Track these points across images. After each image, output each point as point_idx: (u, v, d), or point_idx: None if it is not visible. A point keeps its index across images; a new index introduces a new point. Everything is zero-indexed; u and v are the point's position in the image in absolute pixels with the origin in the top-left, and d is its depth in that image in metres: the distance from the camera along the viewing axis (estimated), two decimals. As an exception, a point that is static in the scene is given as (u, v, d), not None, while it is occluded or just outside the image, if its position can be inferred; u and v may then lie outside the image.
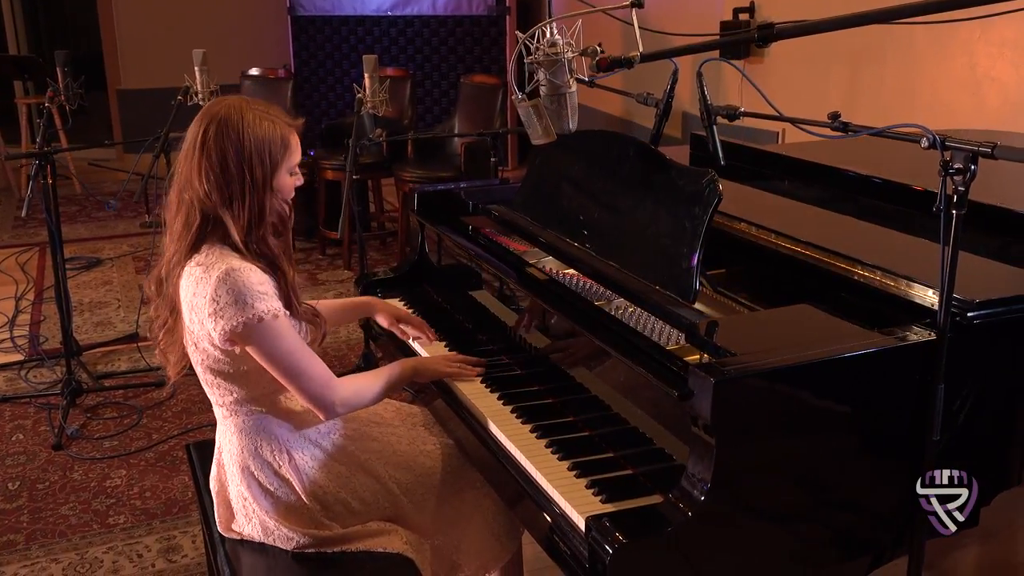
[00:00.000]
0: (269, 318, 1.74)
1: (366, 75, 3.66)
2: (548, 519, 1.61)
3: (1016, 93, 3.87)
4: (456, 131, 5.57)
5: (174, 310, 1.86)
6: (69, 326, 3.80)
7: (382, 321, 2.32)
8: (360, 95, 3.66)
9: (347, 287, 5.13)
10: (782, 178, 2.64)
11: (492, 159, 3.39)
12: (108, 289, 5.17)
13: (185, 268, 1.79)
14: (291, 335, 1.79)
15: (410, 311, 2.43)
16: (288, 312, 1.82)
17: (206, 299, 1.73)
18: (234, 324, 1.72)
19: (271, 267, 1.81)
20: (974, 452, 1.68)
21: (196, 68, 3.86)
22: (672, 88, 2.15)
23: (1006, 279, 1.80)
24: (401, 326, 2.30)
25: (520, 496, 1.72)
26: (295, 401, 1.91)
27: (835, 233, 2.08)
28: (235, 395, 1.86)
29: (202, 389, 3.08)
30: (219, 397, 1.89)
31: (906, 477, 1.60)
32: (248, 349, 1.77)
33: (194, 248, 1.79)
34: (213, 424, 3.51)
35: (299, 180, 1.87)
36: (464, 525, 2.04)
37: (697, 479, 1.46)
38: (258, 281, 1.75)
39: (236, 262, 1.75)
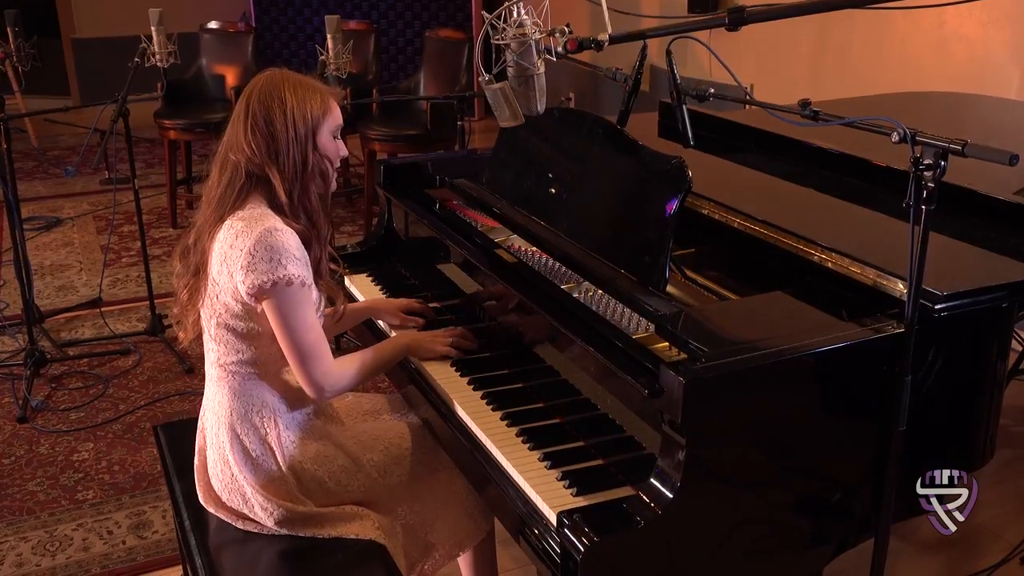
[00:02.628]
0: (297, 284, 1.79)
1: (328, 36, 3.58)
2: (519, 511, 1.61)
3: (982, 51, 3.87)
4: (422, 87, 5.48)
5: (199, 271, 1.89)
6: (30, 295, 3.73)
7: (391, 321, 2.26)
8: (323, 57, 3.58)
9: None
10: (751, 149, 2.63)
11: (459, 123, 3.33)
12: (69, 251, 5.08)
13: (226, 222, 1.84)
14: (311, 309, 1.85)
15: (384, 292, 2.40)
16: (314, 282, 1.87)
17: (243, 251, 1.78)
18: (264, 280, 1.76)
19: (310, 222, 1.87)
20: (942, 437, 1.71)
21: (153, 28, 3.77)
22: (641, 65, 2.13)
23: (971, 264, 1.82)
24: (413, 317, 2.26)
25: (490, 484, 1.72)
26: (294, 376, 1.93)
27: (804, 214, 2.08)
28: (240, 355, 1.88)
29: (169, 356, 3.02)
30: (222, 356, 1.90)
31: (873, 464, 1.62)
32: (267, 309, 1.81)
33: (236, 206, 1.85)
34: (181, 394, 3.54)
35: (344, 150, 1.94)
36: (438, 505, 2.05)
37: (667, 475, 1.47)
38: (296, 246, 1.81)
39: (279, 223, 1.81)
